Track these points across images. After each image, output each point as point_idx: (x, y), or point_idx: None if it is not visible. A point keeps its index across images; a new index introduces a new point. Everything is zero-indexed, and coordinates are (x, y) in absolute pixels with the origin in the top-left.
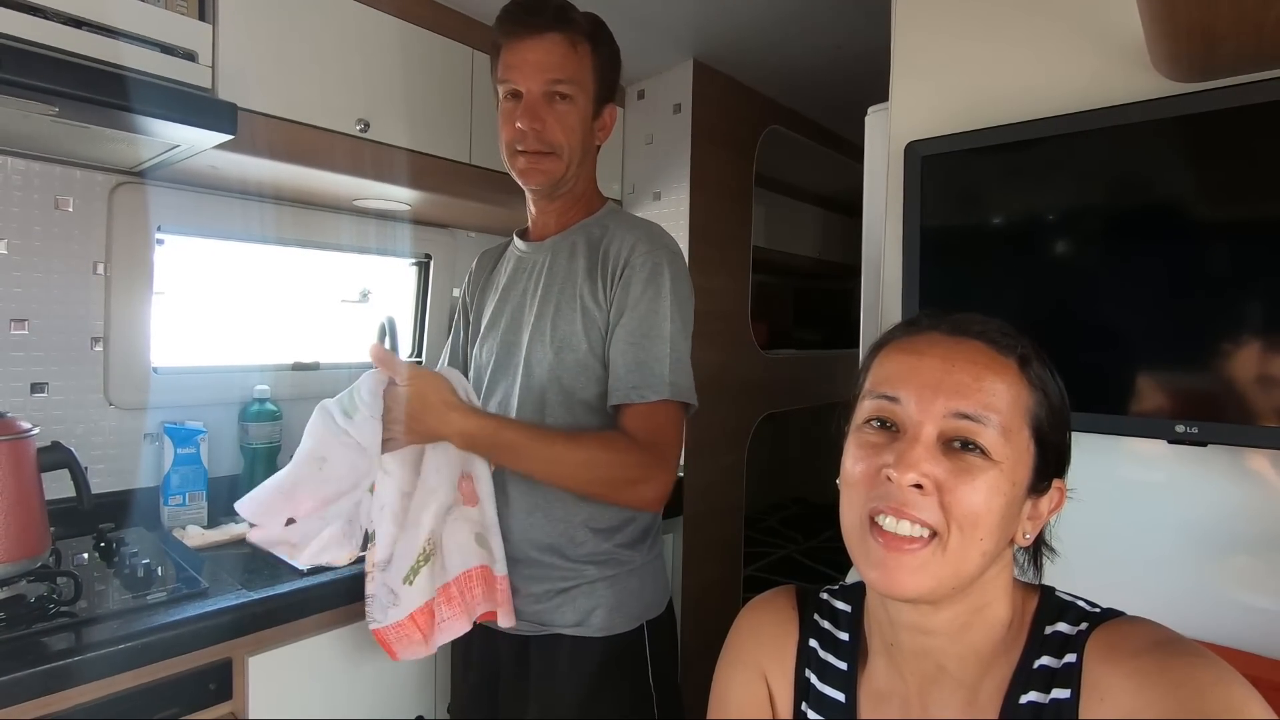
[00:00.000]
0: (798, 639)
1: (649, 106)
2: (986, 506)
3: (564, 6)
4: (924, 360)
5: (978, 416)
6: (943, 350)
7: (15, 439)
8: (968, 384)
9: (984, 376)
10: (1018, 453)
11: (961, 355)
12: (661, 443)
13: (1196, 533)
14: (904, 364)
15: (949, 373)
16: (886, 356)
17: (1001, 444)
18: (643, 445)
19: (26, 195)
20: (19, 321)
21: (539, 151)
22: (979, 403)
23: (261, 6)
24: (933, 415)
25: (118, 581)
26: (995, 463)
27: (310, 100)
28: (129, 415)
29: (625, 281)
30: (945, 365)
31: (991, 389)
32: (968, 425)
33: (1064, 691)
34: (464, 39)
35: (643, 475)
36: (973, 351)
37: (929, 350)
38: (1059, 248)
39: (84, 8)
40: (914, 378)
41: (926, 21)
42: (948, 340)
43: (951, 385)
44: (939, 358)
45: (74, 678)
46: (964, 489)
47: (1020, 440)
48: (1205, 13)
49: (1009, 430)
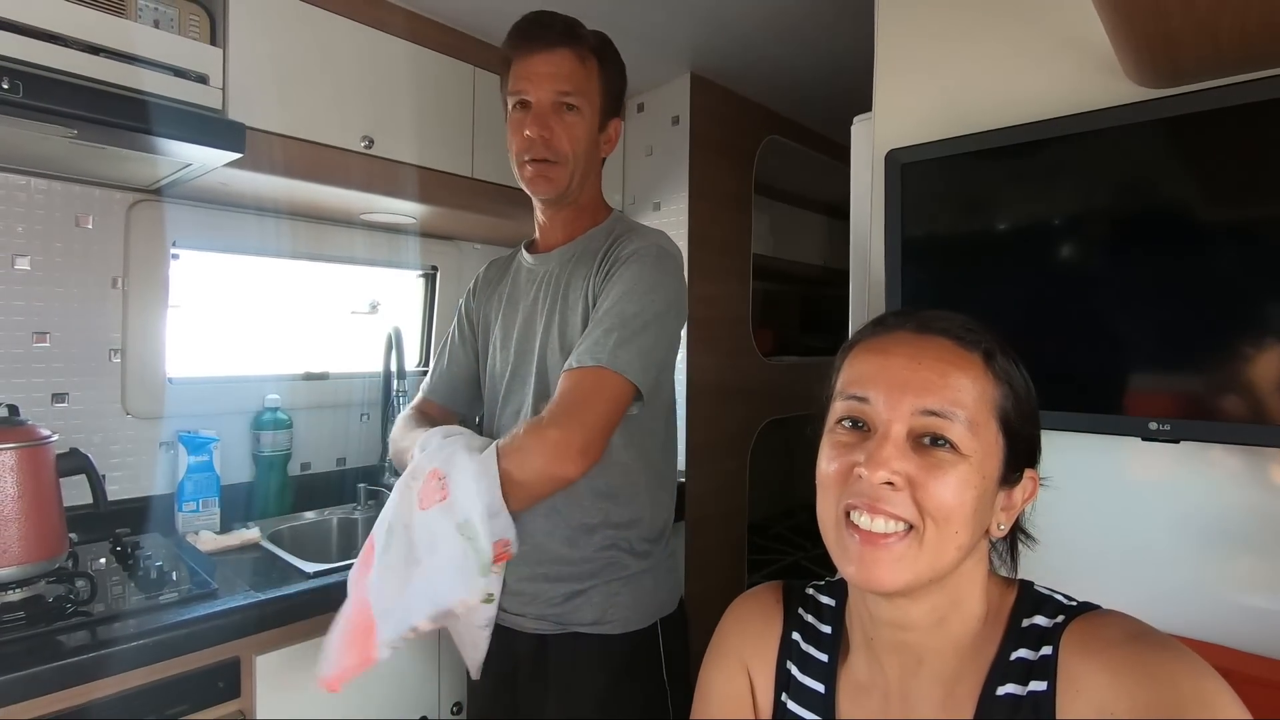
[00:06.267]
0: (781, 632)
1: (648, 119)
2: (958, 500)
3: (573, 23)
4: (891, 359)
5: (945, 413)
6: (909, 349)
7: (35, 445)
8: (934, 381)
9: (950, 373)
10: (986, 446)
11: (928, 353)
12: (580, 401)
13: (1178, 529)
14: (872, 364)
15: (916, 371)
16: (856, 357)
17: (969, 438)
18: (554, 414)
19: (49, 214)
20: (41, 334)
21: (546, 160)
22: (946, 399)
23: (269, 30)
24: (901, 413)
25: (132, 584)
26: (964, 457)
27: (316, 118)
28: (145, 424)
29: (611, 272)
30: (912, 364)
31: (958, 385)
32: (936, 422)
33: (1041, 684)
34: (465, 57)
35: (549, 448)
36: (938, 349)
37: (896, 349)
38: (1036, 250)
39: (103, 35)
40: (882, 377)
41: (908, 32)
42: (914, 339)
43: (919, 383)
44: (906, 356)
45: (88, 674)
46: (935, 484)
47: (988, 433)
48: (1161, 23)
49: (976, 424)
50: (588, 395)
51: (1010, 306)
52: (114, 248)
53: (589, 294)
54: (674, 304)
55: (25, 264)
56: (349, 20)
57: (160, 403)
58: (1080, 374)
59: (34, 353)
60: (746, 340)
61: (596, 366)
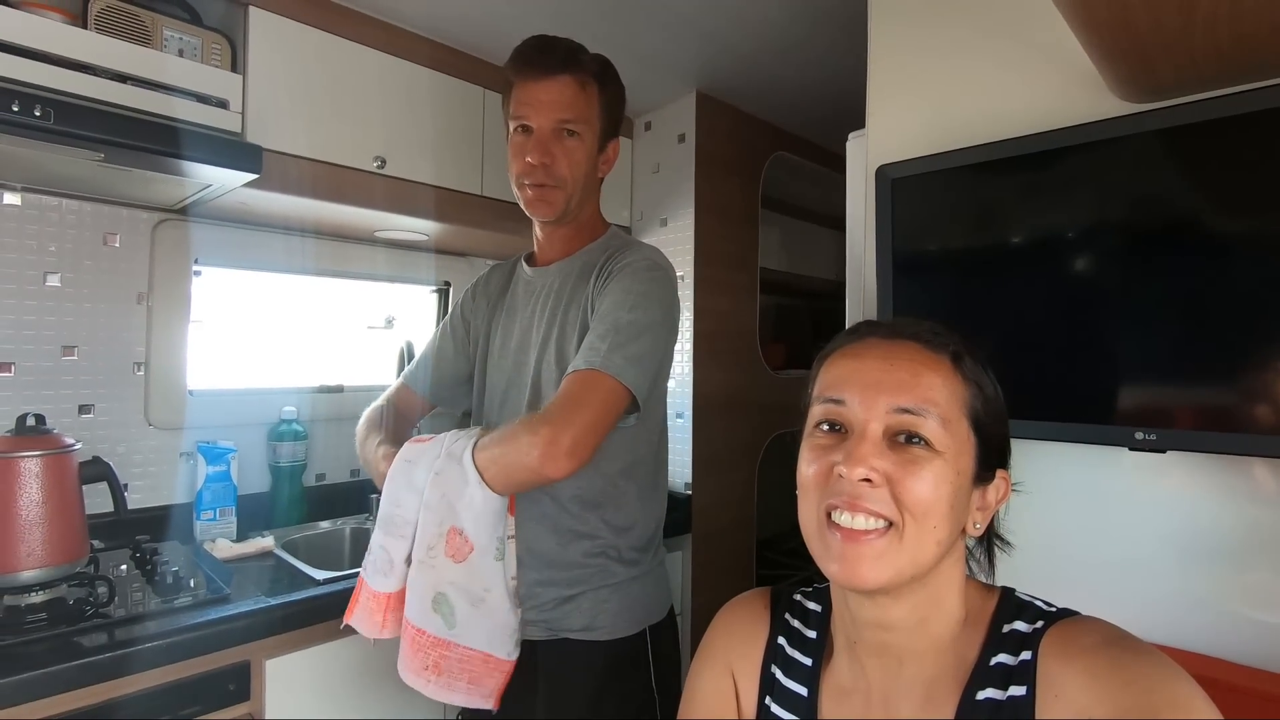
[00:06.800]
0: (767, 637)
1: (655, 137)
2: (935, 495)
3: (574, 49)
4: (865, 363)
5: (918, 410)
6: (881, 351)
7: (59, 453)
8: (907, 381)
9: (921, 373)
10: (959, 442)
11: (899, 355)
12: (573, 403)
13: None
14: (846, 368)
15: (888, 372)
16: (831, 364)
17: (943, 434)
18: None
19: (79, 233)
20: (69, 348)
21: (546, 185)
22: (919, 397)
23: (286, 57)
24: (877, 412)
25: (150, 588)
26: (939, 453)
27: (330, 140)
28: (167, 435)
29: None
30: (885, 365)
31: (929, 384)
32: (910, 419)
33: (1020, 689)
34: (475, 79)
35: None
36: (909, 351)
37: (868, 353)
38: (1026, 262)
39: (132, 65)
40: (856, 379)
41: (899, 50)
42: (885, 343)
43: (892, 383)
44: (878, 359)
45: (105, 674)
46: (911, 480)
47: (960, 430)
48: (1133, 40)
49: (948, 421)
50: (580, 396)
51: (1000, 317)
52: (140, 265)
53: (587, 309)
54: (666, 314)
55: (56, 281)
56: (361, 45)
57: (181, 414)
58: (1065, 383)
59: (62, 365)
60: (754, 354)
61: (590, 370)
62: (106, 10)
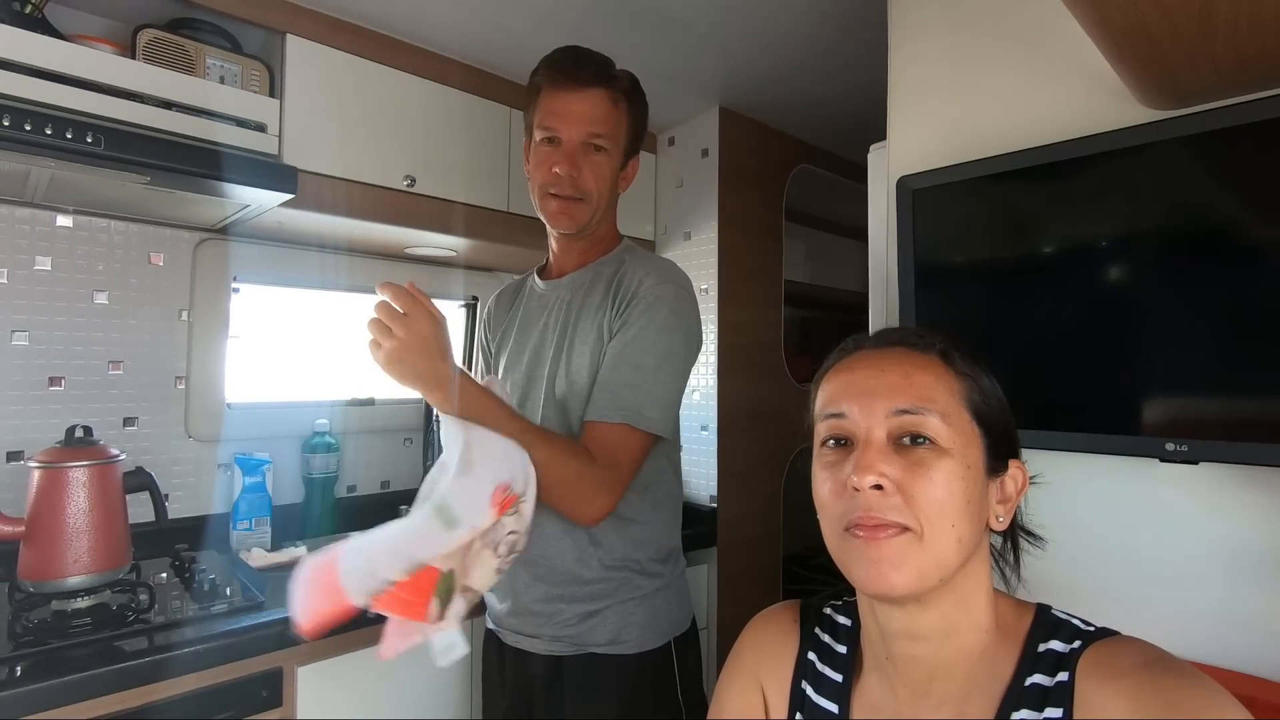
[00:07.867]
0: (797, 651)
1: (679, 152)
2: (948, 493)
3: (607, 63)
4: (857, 374)
5: (917, 409)
6: (872, 361)
7: (104, 463)
8: (900, 383)
9: (913, 374)
10: (965, 437)
11: (889, 360)
12: (613, 464)
13: (1204, 555)
14: (841, 382)
15: (881, 378)
16: (826, 382)
17: (946, 431)
18: (599, 463)
19: (125, 252)
20: (115, 363)
21: (571, 197)
22: (914, 396)
23: (321, 81)
24: (877, 418)
25: (188, 595)
26: (945, 450)
27: (362, 160)
28: (205, 447)
29: (628, 311)
30: (877, 372)
31: (923, 382)
32: (911, 420)
33: (1057, 710)
34: (501, 98)
35: (592, 490)
36: (898, 355)
37: (860, 365)
38: (1050, 272)
39: (177, 93)
40: (852, 390)
41: (920, 62)
42: (874, 352)
43: (886, 388)
44: (870, 367)
45: (145, 677)
46: (922, 482)
47: (962, 423)
48: (1153, 48)
49: (949, 416)
50: (618, 456)
51: (1026, 327)
52: (181, 283)
53: (603, 327)
54: (688, 337)
55: (104, 298)
56: (392, 69)
57: (219, 427)
58: (1093, 394)
59: (109, 379)
60: (779, 366)
61: (624, 425)
62: (154, 41)
